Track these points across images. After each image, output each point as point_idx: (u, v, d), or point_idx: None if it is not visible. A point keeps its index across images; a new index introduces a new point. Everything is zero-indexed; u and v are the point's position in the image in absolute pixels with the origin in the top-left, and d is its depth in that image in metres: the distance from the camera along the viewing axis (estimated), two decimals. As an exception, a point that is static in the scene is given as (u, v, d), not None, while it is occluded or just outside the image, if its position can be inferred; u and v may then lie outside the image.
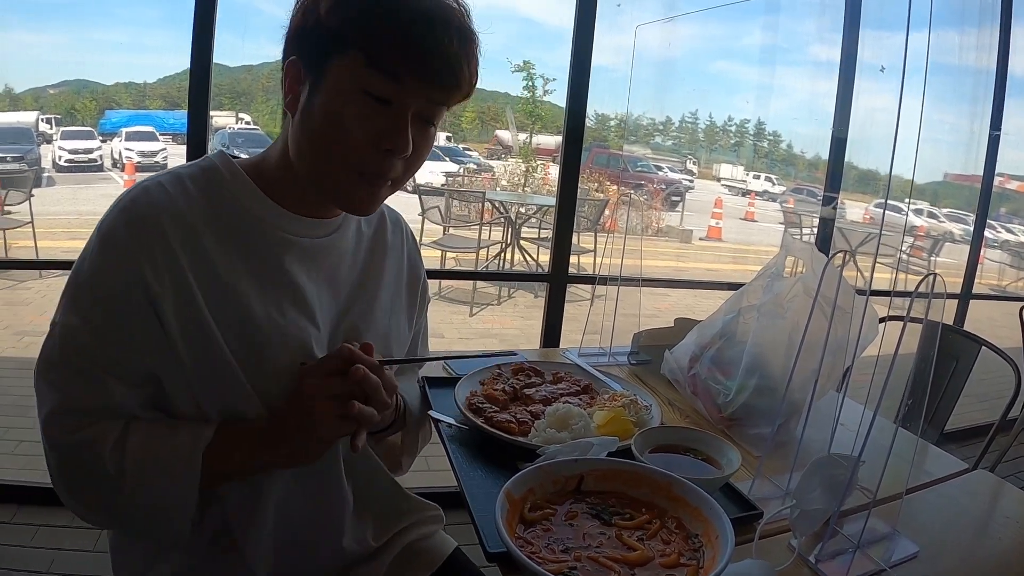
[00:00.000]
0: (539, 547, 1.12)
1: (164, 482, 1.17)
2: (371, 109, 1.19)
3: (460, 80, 1.22)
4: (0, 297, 7.70)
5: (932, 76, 1.47)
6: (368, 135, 1.19)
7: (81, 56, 21.25)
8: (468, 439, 1.63)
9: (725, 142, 24.09)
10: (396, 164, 1.24)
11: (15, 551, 3.12)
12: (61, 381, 1.18)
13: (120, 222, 1.19)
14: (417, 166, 1.29)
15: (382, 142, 1.20)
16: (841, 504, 1.27)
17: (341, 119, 1.19)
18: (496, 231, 9.87)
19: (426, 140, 1.27)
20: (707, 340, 1.97)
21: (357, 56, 1.17)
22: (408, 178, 1.31)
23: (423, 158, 1.30)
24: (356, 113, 1.19)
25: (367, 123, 1.19)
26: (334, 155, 1.22)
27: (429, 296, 1.74)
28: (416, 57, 1.17)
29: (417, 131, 1.23)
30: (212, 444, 1.18)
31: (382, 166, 1.23)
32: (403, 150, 1.21)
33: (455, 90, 1.23)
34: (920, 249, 10.19)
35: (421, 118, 1.24)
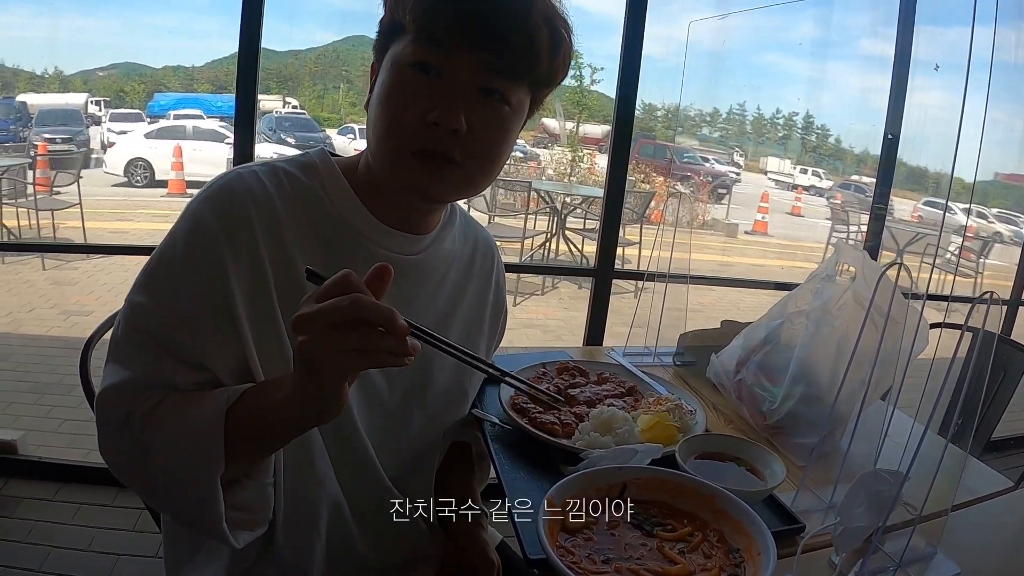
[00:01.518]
0: (580, 557, 1.13)
1: (187, 445, 1.08)
2: (421, 84, 1.18)
3: (516, 45, 1.18)
4: (48, 276, 7.79)
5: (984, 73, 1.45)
6: (416, 109, 1.18)
7: (131, 40, 21.48)
8: (511, 439, 1.63)
9: (773, 135, 23.88)
10: (451, 142, 1.19)
11: (57, 528, 3.19)
12: (122, 358, 1.16)
13: (209, 207, 1.20)
14: (485, 150, 1.24)
15: (429, 114, 1.17)
16: (885, 521, 1.25)
17: (392, 98, 1.19)
18: (541, 221, 9.87)
19: (490, 119, 1.22)
20: (754, 345, 1.95)
21: (408, 37, 1.18)
22: (480, 165, 1.25)
23: (491, 141, 1.24)
24: (405, 88, 1.19)
25: (416, 97, 1.18)
26: (390, 137, 1.21)
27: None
28: (456, 22, 1.15)
29: (477, 105, 1.20)
30: (237, 404, 1.10)
31: (435, 142, 1.19)
32: (450, 123, 1.17)
33: (513, 56, 1.19)
34: (969, 251, 10.04)
35: (483, 92, 1.20)
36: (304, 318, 0.90)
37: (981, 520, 1.58)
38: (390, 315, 0.90)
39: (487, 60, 1.18)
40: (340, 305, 0.88)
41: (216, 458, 1.05)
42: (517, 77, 1.22)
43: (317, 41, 23.98)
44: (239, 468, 1.11)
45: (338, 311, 0.88)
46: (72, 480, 3.52)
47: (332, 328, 0.90)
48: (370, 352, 0.92)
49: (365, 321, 0.89)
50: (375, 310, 0.89)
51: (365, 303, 0.89)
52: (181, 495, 1.11)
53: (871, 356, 1.49)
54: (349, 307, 0.88)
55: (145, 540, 3.12)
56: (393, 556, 1.47)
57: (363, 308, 0.89)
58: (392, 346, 0.91)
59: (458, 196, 1.33)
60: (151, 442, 1.10)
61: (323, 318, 0.89)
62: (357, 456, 1.37)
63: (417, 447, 1.49)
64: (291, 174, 1.28)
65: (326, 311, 0.89)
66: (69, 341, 5.83)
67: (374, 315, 0.89)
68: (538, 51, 1.20)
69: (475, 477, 1.68)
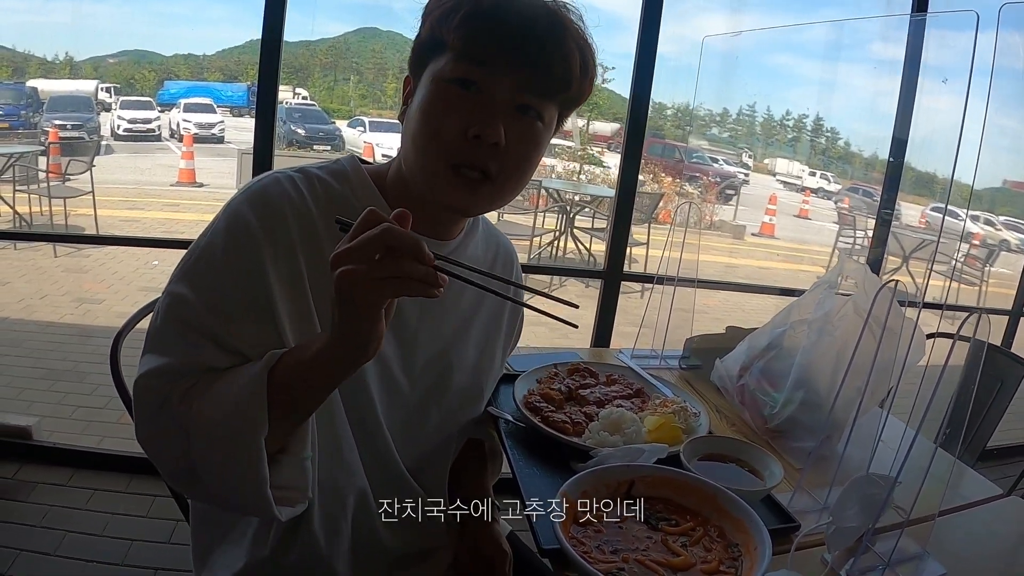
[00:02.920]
0: (591, 547, 1.20)
1: (230, 409, 1.10)
2: (462, 99, 1.22)
3: (551, 66, 1.23)
4: (60, 264, 7.79)
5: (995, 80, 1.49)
6: (457, 123, 1.21)
7: (141, 27, 21.43)
8: (525, 436, 1.69)
9: (782, 137, 23.73)
10: (488, 155, 1.23)
11: (71, 513, 3.23)
12: (160, 346, 1.19)
13: (248, 207, 1.24)
14: (519, 164, 1.28)
15: (469, 128, 1.21)
16: (875, 522, 1.31)
17: (432, 112, 1.23)
18: (550, 219, 9.88)
19: (525, 135, 1.27)
20: (757, 351, 2.00)
21: (447, 55, 1.23)
22: (510, 178, 1.29)
23: (525, 155, 1.29)
24: (445, 103, 1.22)
25: (457, 112, 1.22)
26: (429, 149, 1.24)
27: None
28: (498, 40, 1.20)
29: (514, 122, 1.24)
30: (276, 364, 1.12)
31: (473, 156, 1.23)
32: (490, 137, 1.21)
33: (549, 76, 1.24)
34: (974, 258, 10.02)
35: (519, 108, 1.25)
36: (341, 253, 0.96)
37: (972, 526, 1.62)
38: (417, 242, 0.96)
39: (526, 78, 1.23)
40: (372, 234, 0.95)
41: (260, 419, 1.09)
42: (551, 95, 1.28)
43: (329, 32, 23.90)
44: (278, 435, 1.14)
45: (371, 240, 0.95)
46: (86, 466, 3.56)
47: (367, 258, 0.95)
48: (402, 279, 0.97)
49: (395, 248, 0.95)
50: (403, 236, 0.96)
51: (395, 231, 0.95)
52: (223, 467, 1.13)
53: (868, 365, 1.55)
54: (380, 234, 0.95)
55: (159, 526, 3.17)
56: (413, 545, 1.52)
57: (393, 235, 0.95)
58: (422, 272, 0.97)
59: (487, 209, 1.38)
60: (190, 415, 1.12)
61: (359, 249, 0.95)
62: (379, 449, 1.42)
63: (434, 442, 1.54)
64: (324, 180, 1.33)
65: (361, 242, 0.95)
66: (82, 329, 5.89)
67: (402, 241, 0.96)
68: (571, 72, 1.26)
69: (488, 472, 1.74)
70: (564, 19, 1.25)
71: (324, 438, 1.26)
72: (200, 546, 1.48)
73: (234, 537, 1.43)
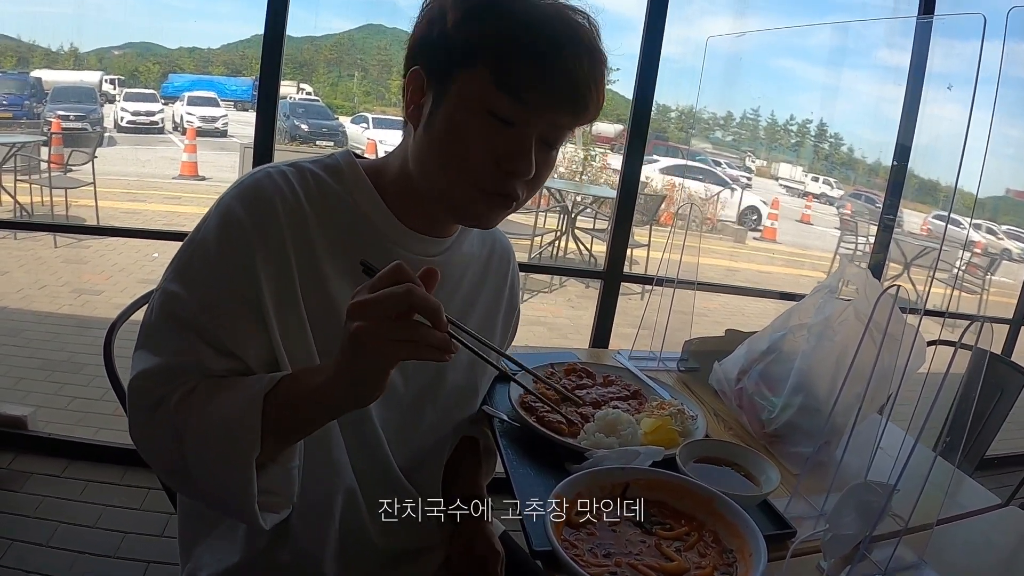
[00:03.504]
0: (583, 550, 1.18)
1: (224, 428, 1.11)
2: (495, 129, 1.19)
3: (588, 104, 1.22)
4: (59, 254, 7.82)
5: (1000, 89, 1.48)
6: (491, 155, 1.20)
7: (147, 20, 21.43)
8: (519, 436, 1.68)
9: (785, 141, 23.73)
10: (517, 185, 1.24)
11: (65, 504, 3.24)
12: (154, 344, 1.19)
13: (240, 203, 1.23)
14: (538, 188, 1.30)
15: (504, 163, 1.20)
16: (872, 530, 1.30)
17: (464, 137, 1.20)
18: (551, 218, 9.89)
19: (548, 163, 1.27)
20: (756, 355, 1.99)
21: (484, 74, 1.17)
22: (529, 199, 1.31)
23: (544, 180, 1.30)
24: (480, 132, 1.19)
25: (491, 143, 1.19)
26: (456, 172, 1.22)
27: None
28: (545, 81, 1.17)
29: (540, 153, 1.23)
30: (273, 389, 1.12)
31: (503, 186, 1.23)
32: (526, 173, 1.21)
33: (582, 115, 1.23)
34: (976, 267, 10.02)
35: (545, 141, 1.24)
36: (361, 305, 0.96)
37: (969, 536, 1.61)
38: (437, 309, 0.97)
39: (564, 119, 1.22)
40: (395, 293, 0.94)
41: (252, 441, 1.09)
42: (574, 128, 1.27)
43: (333, 28, 23.92)
44: (269, 452, 1.14)
45: (393, 299, 0.94)
46: (80, 457, 3.57)
47: (386, 316, 0.95)
48: (417, 344, 0.97)
49: (414, 312, 0.95)
50: (425, 302, 0.96)
51: (419, 294, 0.95)
52: (214, 478, 1.14)
53: (868, 371, 1.54)
54: (403, 295, 0.94)
55: (151, 519, 3.17)
56: (402, 544, 1.51)
57: (416, 298, 0.95)
58: (437, 340, 0.97)
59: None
60: (186, 426, 1.13)
61: (379, 306, 0.95)
62: (371, 447, 1.41)
63: (428, 441, 1.53)
64: (317, 175, 1.31)
65: (382, 299, 0.95)
66: (80, 320, 5.90)
67: (424, 307, 0.96)
68: (595, 102, 1.24)
69: (482, 471, 1.73)
70: (599, 53, 1.23)
71: (311, 437, 1.25)
72: (186, 538, 1.48)
73: (221, 532, 1.42)
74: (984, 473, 2.25)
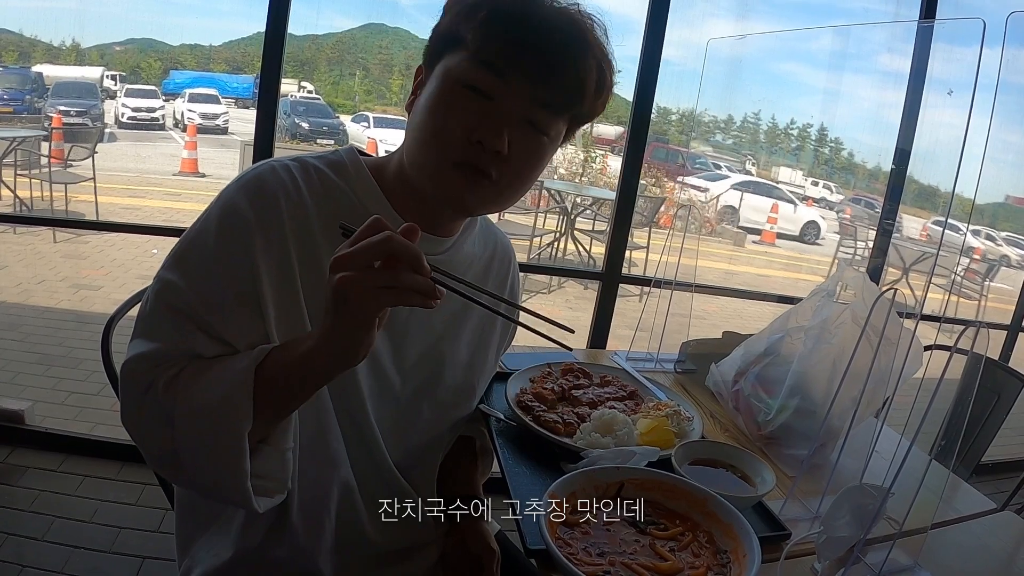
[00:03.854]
0: (577, 549, 1.19)
1: (216, 401, 1.10)
2: (471, 102, 1.21)
3: (567, 84, 1.23)
4: (58, 249, 7.80)
5: (999, 96, 1.48)
6: (462, 126, 1.21)
7: (149, 16, 21.41)
8: (516, 435, 1.68)
9: (786, 145, 23.73)
10: (490, 161, 1.23)
11: (61, 499, 3.24)
12: (149, 330, 1.19)
13: (243, 195, 1.23)
14: (521, 174, 1.29)
15: (473, 133, 1.21)
16: (867, 533, 1.30)
17: (439, 111, 1.23)
18: (551, 219, 9.88)
19: (531, 148, 1.27)
20: (753, 357, 1.99)
21: (463, 53, 1.21)
22: (511, 185, 1.29)
23: (528, 166, 1.29)
24: (454, 104, 1.22)
25: (463, 115, 1.21)
26: (431, 146, 1.24)
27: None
28: (516, 51, 1.19)
29: (521, 135, 1.24)
30: (264, 361, 1.12)
31: (474, 158, 1.23)
32: (493, 145, 1.21)
33: (563, 94, 1.24)
34: (974, 272, 10.01)
35: (528, 122, 1.24)
36: (342, 256, 0.96)
37: (964, 540, 1.61)
38: (418, 254, 0.97)
39: (538, 94, 1.22)
40: (374, 241, 0.95)
41: (244, 414, 1.09)
42: (561, 112, 1.27)
43: (336, 27, 23.89)
44: (262, 429, 1.14)
45: (373, 246, 0.95)
46: (77, 452, 3.57)
47: (367, 265, 0.96)
48: (400, 289, 0.97)
49: (396, 258, 0.96)
50: (404, 246, 0.96)
51: (397, 240, 0.95)
52: (206, 458, 1.13)
53: (865, 374, 1.54)
54: (382, 242, 0.95)
55: (147, 514, 3.17)
56: (398, 541, 1.51)
57: (395, 245, 0.95)
58: (420, 285, 0.97)
59: (486, 211, 1.38)
60: (175, 406, 1.12)
61: (360, 255, 0.95)
62: (367, 444, 1.41)
63: (424, 439, 1.53)
64: (321, 171, 1.32)
65: (362, 248, 0.95)
66: (79, 315, 5.90)
67: (404, 251, 0.96)
68: (585, 91, 1.25)
69: (478, 470, 1.72)
70: (587, 33, 1.24)
71: (309, 429, 1.26)
72: (183, 534, 1.47)
73: (218, 527, 1.42)
74: (981, 479, 2.25)
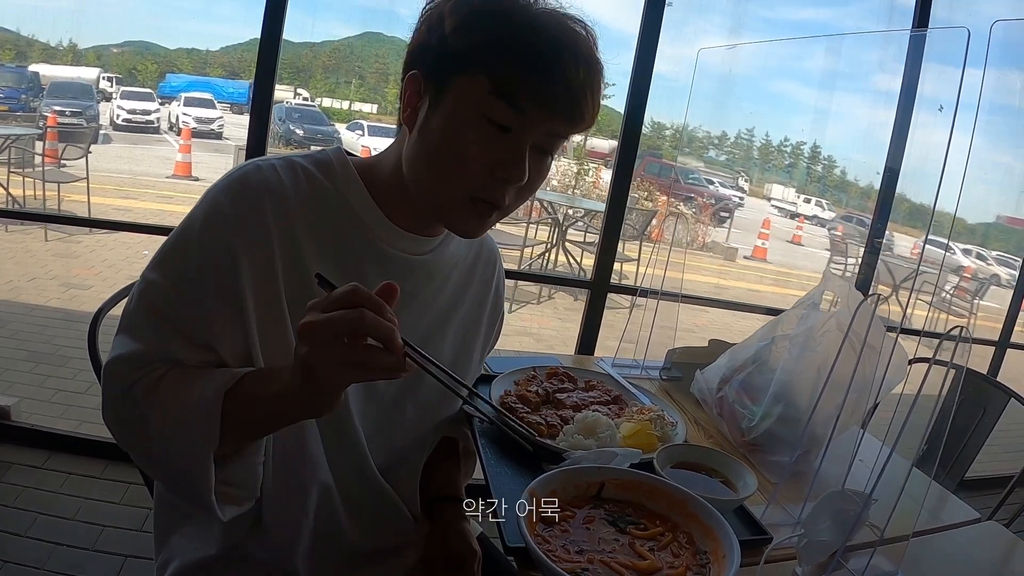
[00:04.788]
0: (556, 546, 1.18)
1: (184, 420, 1.11)
2: (490, 136, 1.18)
3: (584, 113, 1.21)
4: (50, 248, 7.81)
5: (990, 116, 1.49)
6: (485, 162, 1.19)
7: (147, 18, 21.47)
8: (498, 436, 1.68)
9: (779, 162, 23.87)
10: (509, 192, 1.23)
11: (45, 496, 3.23)
12: (132, 331, 1.19)
13: (226, 196, 1.22)
14: (529, 195, 1.29)
15: (498, 170, 1.19)
16: (848, 539, 1.30)
17: (459, 142, 1.19)
18: (542, 231, 9.90)
19: (541, 170, 1.26)
20: (738, 364, 2.00)
21: (481, 80, 1.16)
22: (518, 206, 1.31)
23: (536, 188, 1.28)
24: (475, 139, 1.18)
25: (485, 150, 1.18)
26: (448, 177, 1.21)
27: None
28: (542, 88, 1.16)
29: (533, 161, 1.22)
30: (234, 387, 1.12)
31: (495, 193, 1.22)
32: (519, 180, 1.20)
33: (578, 123, 1.22)
34: (964, 290, 10.06)
35: (539, 149, 1.23)
36: (310, 326, 0.94)
37: (947, 548, 1.61)
38: (391, 333, 0.95)
39: (559, 126, 1.21)
40: (345, 318, 0.93)
41: (211, 436, 1.10)
42: (570, 136, 1.27)
43: (333, 35, 23.99)
44: (231, 446, 1.15)
45: (343, 323, 0.93)
46: (62, 449, 3.56)
47: (335, 340, 0.94)
48: (369, 368, 0.96)
49: (365, 335, 0.94)
50: (377, 327, 0.94)
51: (369, 319, 0.93)
52: (175, 465, 1.15)
53: (847, 381, 1.54)
54: (354, 320, 0.93)
55: (131, 513, 3.16)
56: (379, 542, 1.51)
57: (367, 324, 0.93)
58: (389, 363, 0.96)
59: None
60: (150, 414, 1.14)
61: (328, 329, 0.93)
62: (348, 443, 1.40)
63: (407, 439, 1.52)
64: (308, 170, 1.31)
65: (331, 322, 0.93)
66: (68, 313, 5.89)
67: (376, 331, 0.94)
68: (596, 113, 1.24)
69: (461, 472, 1.72)
70: (596, 61, 1.23)
71: (288, 430, 1.25)
72: (162, 526, 1.47)
73: (196, 522, 1.42)
74: (972, 494, 2.26)
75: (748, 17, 15.27)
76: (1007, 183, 10.79)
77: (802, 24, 16.08)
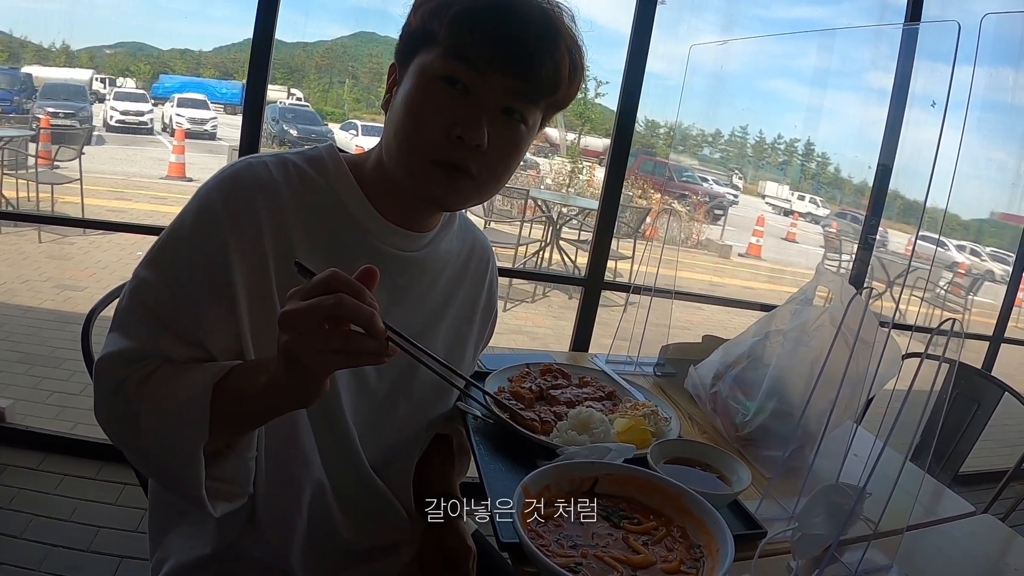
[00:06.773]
0: (549, 541, 1.18)
1: (174, 415, 1.12)
2: (449, 97, 1.20)
3: (542, 73, 1.22)
4: (44, 250, 7.81)
5: (984, 113, 1.49)
6: (441, 122, 1.20)
7: (140, 19, 21.43)
8: (492, 432, 1.68)
9: (773, 159, 23.84)
10: (469, 155, 1.22)
11: (39, 497, 3.22)
12: (124, 328, 1.20)
13: (217, 193, 1.23)
14: (499, 165, 1.28)
15: (453, 128, 1.20)
16: (842, 532, 1.30)
17: (418, 107, 1.22)
18: (537, 229, 9.92)
19: (509, 138, 1.26)
20: (732, 359, 2.00)
21: (438, 49, 1.21)
22: (492, 179, 1.29)
23: (508, 157, 1.28)
24: (432, 100, 1.21)
25: (442, 110, 1.20)
26: (410, 143, 1.23)
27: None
28: (492, 45, 1.19)
29: (500, 126, 1.23)
30: (223, 380, 1.12)
31: (454, 155, 1.22)
32: (473, 139, 1.20)
33: (536, 83, 1.23)
34: (959, 286, 10.07)
35: (505, 113, 1.24)
36: (289, 315, 0.93)
37: (941, 542, 1.62)
38: (370, 317, 0.94)
39: (515, 84, 1.22)
40: (324, 304, 0.92)
41: (200, 430, 1.10)
42: (538, 100, 1.27)
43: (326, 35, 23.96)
44: (223, 440, 1.16)
45: (322, 309, 0.92)
46: (57, 451, 3.56)
47: (316, 327, 0.93)
48: (351, 353, 0.96)
49: (347, 321, 0.93)
50: (356, 311, 0.93)
51: (348, 304, 0.92)
52: (165, 461, 1.15)
53: (840, 376, 1.54)
54: (332, 306, 0.92)
55: (126, 514, 3.15)
56: (374, 539, 1.51)
57: (346, 308, 0.92)
58: (372, 347, 0.95)
59: (466, 205, 1.36)
60: (141, 409, 1.14)
61: (307, 316, 0.92)
62: (340, 440, 1.40)
63: (400, 436, 1.52)
64: (299, 167, 1.32)
65: (310, 309, 0.92)
66: (62, 315, 5.87)
67: (355, 316, 0.93)
68: (560, 78, 1.25)
69: (455, 469, 1.72)
70: (558, 21, 1.24)
71: (280, 427, 1.26)
72: (157, 525, 1.47)
73: (191, 522, 1.42)
74: (969, 488, 2.25)
75: (741, 15, 15.32)
76: (1001, 179, 10.80)
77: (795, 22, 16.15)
